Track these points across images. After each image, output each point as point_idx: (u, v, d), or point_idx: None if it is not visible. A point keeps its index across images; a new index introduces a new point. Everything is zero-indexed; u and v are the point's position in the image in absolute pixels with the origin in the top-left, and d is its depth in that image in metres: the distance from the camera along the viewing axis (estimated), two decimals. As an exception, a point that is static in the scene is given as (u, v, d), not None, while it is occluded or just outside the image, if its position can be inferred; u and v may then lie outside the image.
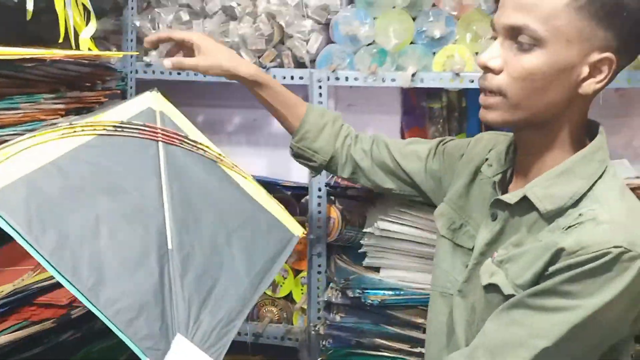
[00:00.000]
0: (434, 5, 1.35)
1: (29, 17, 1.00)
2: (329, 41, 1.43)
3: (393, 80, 1.34)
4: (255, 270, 0.94)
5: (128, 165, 0.90)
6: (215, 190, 0.99)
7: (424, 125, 1.59)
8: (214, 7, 1.49)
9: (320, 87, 1.36)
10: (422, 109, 1.59)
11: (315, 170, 1.14)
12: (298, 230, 1.06)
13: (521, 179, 0.83)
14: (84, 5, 1.14)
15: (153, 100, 1.00)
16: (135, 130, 0.94)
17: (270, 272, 0.97)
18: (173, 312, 0.83)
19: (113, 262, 0.80)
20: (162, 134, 0.97)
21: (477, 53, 1.35)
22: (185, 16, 1.52)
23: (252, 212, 1.01)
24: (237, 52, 1.48)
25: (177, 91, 1.76)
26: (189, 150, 0.99)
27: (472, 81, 1.30)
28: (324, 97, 1.37)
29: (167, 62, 1.06)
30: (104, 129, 0.90)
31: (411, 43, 1.37)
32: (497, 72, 0.75)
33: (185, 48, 1.08)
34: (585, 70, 0.73)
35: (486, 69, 0.76)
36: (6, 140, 0.98)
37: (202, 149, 1.01)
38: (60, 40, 1.11)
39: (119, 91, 1.39)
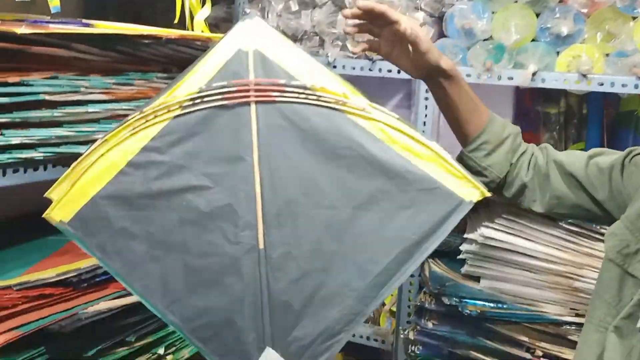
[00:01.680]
0: (561, 1, 1.25)
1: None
2: (442, 35, 1.36)
3: (510, 78, 1.24)
4: (382, 265, 0.73)
5: (210, 150, 0.74)
6: (330, 156, 0.73)
7: (538, 131, 1.48)
8: (324, -3, 1.47)
9: (429, 82, 1.30)
10: (537, 114, 1.48)
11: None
12: (470, 194, 0.73)
13: None
14: (200, -12, 1.15)
15: (245, 34, 0.74)
16: (218, 97, 0.73)
17: (411, 261, 0.73)
18: (264, 321, 0.75)
19: (191, 277, 0.75)
20: (255, 91, 0.73)
21: (607, 54, 1.23)
22: (294, 6, 1.51)
23: (390, 176, 0.72)
24: (344, 43, 1.45)
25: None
26: (294, 102, 0.73)
27: (602, 84, 1.18)
28: (430, 93, 1.30)
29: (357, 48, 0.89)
30: (180, 108, 0.74)
31: (532, 40, 1.28)
32: None
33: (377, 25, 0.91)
34: None
35: None
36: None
37: (313, 95, 0.73)
38: (176, 21, 1.13)
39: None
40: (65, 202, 0.75)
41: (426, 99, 1.30)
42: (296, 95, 0.73)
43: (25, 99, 0.84)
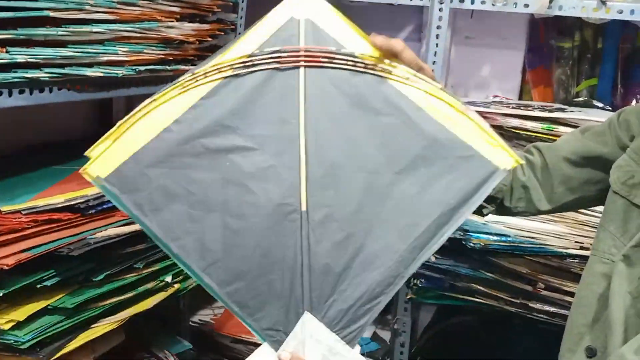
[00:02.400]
0: None
1: None
2: (456, -37, 1.31)
3: (526, 6, 1.20)
4: (422, 227, 0.75)
5: (257, 112, 0.76)
6: (374, 122, 0.76)
7: (550, 66, 1.45)
8: None
9: (441, 9, 1.25)
10: (550, 48, 1.45)
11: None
12: (505, 162, 0.75)
13: None
14: None
15: (296, 5, 0.77)
16: (268, 61, 0.75)
17: (449, 224, 0.75)
18: (304, 286, 0.76)
19: (230, 239, 0.75)
20: (305, 56, 0.75)
21: (628, -18, 1.18)
22: None
23: (430, 144, 0.75)
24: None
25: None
26: (342, 68, 0.76)
27: (621, 11, 1.14)
28: (443, 22, 1.26)
29: None
30: (231, 69, 0.75)
31: (551, -33, 1.23)
32: None
33: None
34: None
35: None
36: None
37: (362, 63, 0.75)
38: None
39: (230, 3, 1.36)
40: (105, 158, 0.75)
41: (438, 27, 1.26)
42: (345, 62, 0.75)
43: (30, 14, 0.81)
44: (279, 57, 0.75)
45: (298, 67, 0.75)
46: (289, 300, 0.76)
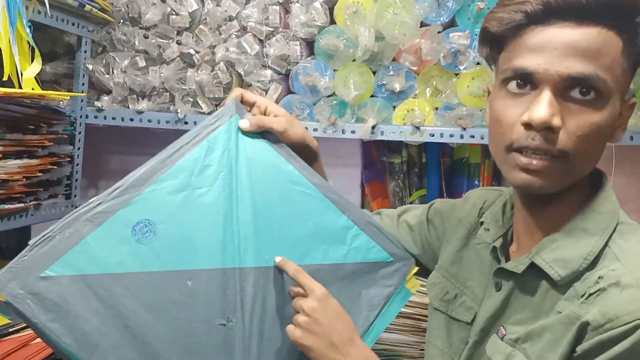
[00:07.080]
0: (394, 59, 1.35)
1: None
2: (289, 91, 1.41)
3: (353, 132, 1.31)
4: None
5: None
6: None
7: (384, 180, 1.56)
8: (171, 53, 1.45)
9: (278, 137, 1.32)
10: (383, 164, 1.57)
11: None
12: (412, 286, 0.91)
13: (525, 240, 0.73)
14: (28, 43, 1.08)
15: None
16: None
17: None
18: None
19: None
20: None
21: (437, 108, 1.34)
22: (141, 62, 1.47)
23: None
24: (194, 100, 1.45)
25: (128, 138, 1.70)
26: None
27: (433, 135, 1.29)
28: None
29: (245, 123, 0.86)
30: None
31: (371, 96, 1.36)
32: (556, 131, 0.62)
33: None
34: (618, 119, 0.66)
35: (547, 129, 0.62)
36: None
37: None
38: (5, 78, 1.04)
39: (65, 136, 1.31)
40: None
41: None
42: None
43: None
44: None
45: None
46: None
